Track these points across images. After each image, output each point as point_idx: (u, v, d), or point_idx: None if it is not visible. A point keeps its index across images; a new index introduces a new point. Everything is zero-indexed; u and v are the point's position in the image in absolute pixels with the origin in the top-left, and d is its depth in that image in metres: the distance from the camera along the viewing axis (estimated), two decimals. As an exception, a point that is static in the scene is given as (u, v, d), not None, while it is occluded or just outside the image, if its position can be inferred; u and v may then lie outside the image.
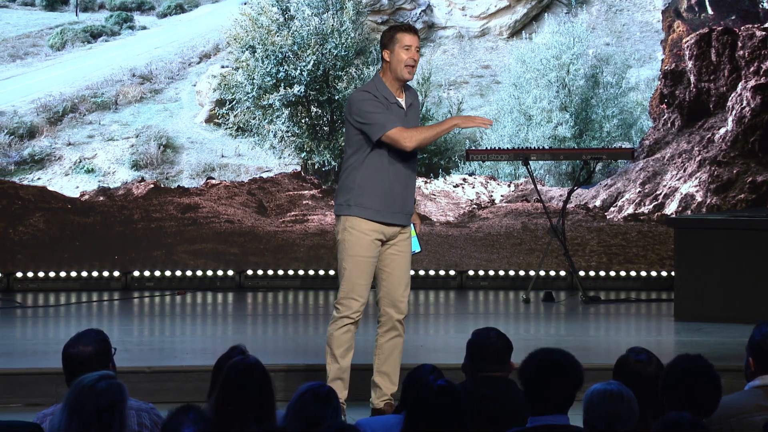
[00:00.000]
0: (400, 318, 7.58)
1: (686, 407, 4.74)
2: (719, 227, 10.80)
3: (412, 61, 7.42)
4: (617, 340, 10.19)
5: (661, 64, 13.88)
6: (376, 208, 7.47)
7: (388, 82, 7.49)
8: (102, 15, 14.26)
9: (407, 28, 7.54)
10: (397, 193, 7.48)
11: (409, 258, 7.66)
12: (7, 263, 12.62)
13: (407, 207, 7.56)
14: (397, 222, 7.52)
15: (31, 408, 7.56)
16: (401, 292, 7.59)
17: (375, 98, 7.46)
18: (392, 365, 7.61)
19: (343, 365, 7.51)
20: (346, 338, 7.51)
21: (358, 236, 7.47)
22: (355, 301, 7.48)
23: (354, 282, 7.47)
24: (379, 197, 7.46)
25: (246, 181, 13.40)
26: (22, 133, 13.37)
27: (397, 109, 7.48)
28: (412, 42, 7.43)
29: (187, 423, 4.35)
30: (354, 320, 7.51)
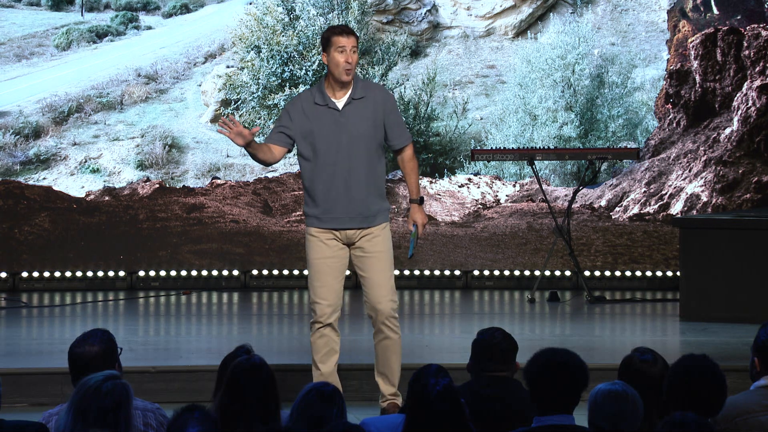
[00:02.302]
0: (382, 319, 7.49)
1: (692, 407, 4.74)
2: (725, 227, 10.79)
3: (347, 63, 7.36)
4: (622, 340, 10.18)
5: (666, 63, 13.87)
6: (315, 216, 7.47)
7: (328, 84, 7.46)
8: (107, 15, 14.28)
9: (341, 30, 7.46)
10: (335, 199, 7.41)
11: (384, 257, 7.50)
12: (13, 263, 12.63)
13: (356, 210, 7.43)
14: (342, 227, 7.45)
15: (36, 408, 7.57)
16: (379, 294, 7.48)
17: (289, 108, 7.48)
18: (388, 366, 7.58)
19: (324, 371, 7.49)
20: (321, 343, 7.49)
21: (309, 239, 7.50)
22: (318, 304, 7.47)
23: (314, 286, 7.48)
24: (315, 205, 7.45)
25: (251, 181, 13.41)
26: (28, 133, 13.39)
27: (326, 110, 7.41)
28: (347, 43, 7.38)
29: (192, 423, 4.36)
30: (323, 323, 7.46)
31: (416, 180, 7.69)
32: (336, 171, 7.41)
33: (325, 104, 7.43)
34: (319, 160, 7.42)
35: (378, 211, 7.51)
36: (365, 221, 7.48)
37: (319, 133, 7.42)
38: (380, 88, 7.75)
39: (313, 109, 7.44)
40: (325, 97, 7.44)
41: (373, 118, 7.46)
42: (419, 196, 7.69)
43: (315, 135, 7.42)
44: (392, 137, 7.53)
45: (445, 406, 4.63)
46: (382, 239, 7.52)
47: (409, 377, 5.72)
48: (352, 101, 7.44)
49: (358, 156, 7.42)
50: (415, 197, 7.68)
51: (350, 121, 7.42)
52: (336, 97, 7.44)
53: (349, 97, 7.44)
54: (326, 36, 7.47)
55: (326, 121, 7.41)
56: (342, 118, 7.41)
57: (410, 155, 7.62)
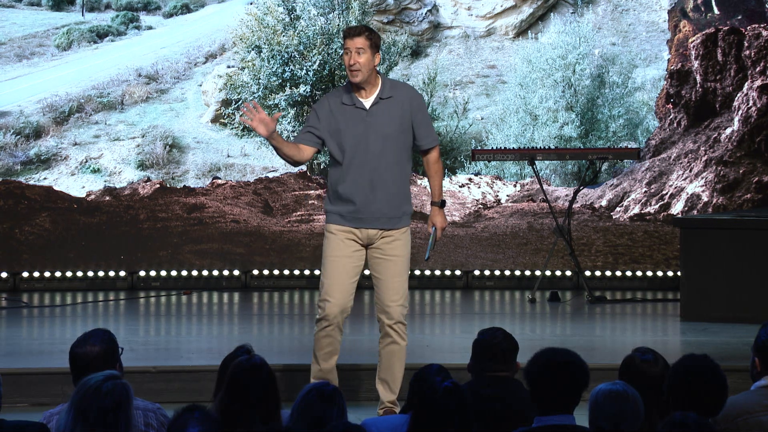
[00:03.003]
0: (391, 324, 7.47)
1: (692, 407, 4.74)
2: (725, 227, 10.79)
3: (350, 65, 7.35)
4: (623, 340, 10.18)
5: (667, 63, 13.87)
6: (340, 213, 7.45)
7: (353, 84, 7.47)
8: (108, 15, 14.28)
9: (347, 32, 7.45)
10: (361, 198, 7.39)
11: (401, 262, 7.49)
12: (14, 263, 12.63)
13: (380, 210, 7.42)
14: (364, 226, 7.43)
15: (37, 407, 7.57)
16: (391, 298, 7.46)
17: (317, 108, 7.48)
18: (391, 373, 7.55)
19: (324, 368, 7.47)
20: (325, 342, 7.47)
21: (329, 237, 7.48)
22: (326, 302, 7.44)
23: (325, 282, 7.45)
24: (340, 203, 7.44)
25: (252, 181, 13.41)
26: (28, 132, 13.39)
27: (353, 110, 7.41)
28: (350, 45, 7.35)
29: (193, 422, 4.36)
30: (330, 322, 7.44)
31: (440, 183, 7.67)
32: (362, 171, 7.39)
33: (353, 104, 7.42)
34: (345, 159, 7.40)
35: (402, 214, 7.51)
36: (388, 222, 7.47)
37: (346, 132, 7.40)
38: (409, 87, 7.71)
39: (340, 109, 7.42)
40: (352, 96, 7.42)
41: (401, 117, 7.45)
42: (441, 199, 7.69)
43: (342, 134, 7.40)
44: (420, 137, 7.51)
45: (451, 404, 4.64)
46: (402, 243, 7.51)
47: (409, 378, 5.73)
48: (380, 101, 7.42)
49: (385, 156, 7.41)
50: (437, 200, 7.68)
51: (378, 120, 7.40)
52: (363, 96, 7.43)
53: (377, 97, 7.42)
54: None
55: (354, 121, 7.40)
56: (369, 118, 7.40)
57: (436, 157, 7.62)
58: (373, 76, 7.42)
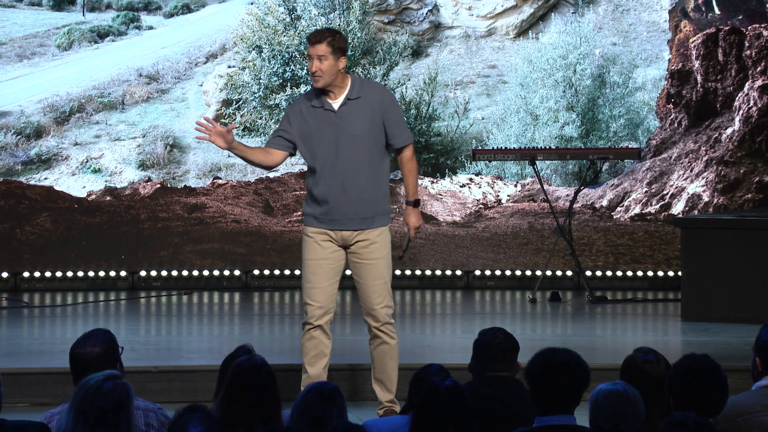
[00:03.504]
0: (378, 326, 7.48)
1: (693, 407, 4.74)
2: (726, 227, 10.78)
3: (312, 71, 7.36)
4: (624, 340, 10.18)
5: (667, 63, 13.87)
6: (314, 215, 7.47)
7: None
8: (109, 15, 14.28)
9: (308, 38, 7.47)
10: (333, 199, 7.39)
11: (380, 264, 7.46)
12: (14, 263, 12.63)
13: (353, 211, 7.40)
14: (338, 228, 7.43)
15: (38, 407, 7.57)
16: (375, 301, 7.45)
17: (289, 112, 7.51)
18: (384, 372, 7.56)
19: (312, 373, 7.48)
20: (310, 345, 7.48)
21: (306, 240, 7.52)
22: (309, 305, 7.46)
23: (305, 286, 7.48)
24: (315, 205, 7.46)
25: (252, 180, 13.41)
26: (29, 132, 13.39)
27: (322, 112, 7.42)
28: (312, 52, 7.37)
29: (193, 422, 4.36)
30: (314, 325, 7.45)
31: (414, 182, 7.60)
32: (334, 172, 7.39)
33: (321, 106, 7.42)
34: (317, 161, 7.42)
35: (377, 213, 7.48)
36: (363, 223, 7.45)
37: (317, 135, 7.41)
38: (378, 87, 7.73)
39: (311, 112, 7.44)
40: (321, 99, 7.43)
41: (371, 117, 7.42)
42: (414, 198, 7.62)
43: (313, 137, 7.42)
44: (391, 136, 7.47)
45: (452, 404, 4.64)
46: (379, 246, 7.48)
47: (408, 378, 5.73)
48: (348, 102, 7.41)
49: (355, 157, 7.40)
50: (411, 198, 7.61)
51: (347, 121, 7.40)
52: (332, 98, 7.43)
53: (345, 98, 7.42)
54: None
55: (323, 123, 7.41)
56: (338, 119, 7.40)
57: (409, 156, 7.55)
58: (340, 78, 7.40)
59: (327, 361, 7.54)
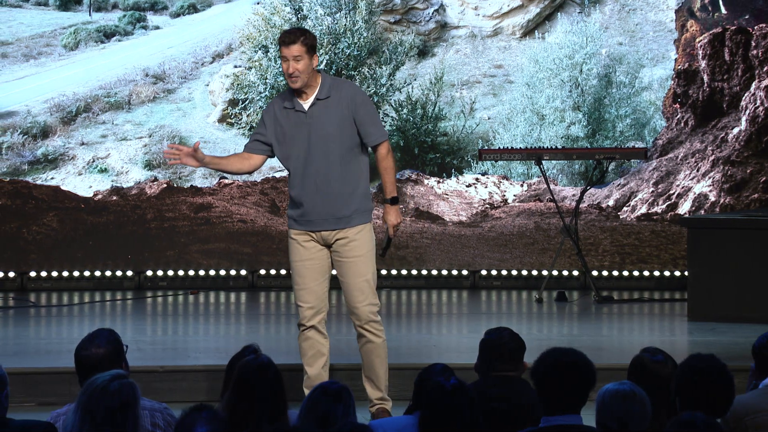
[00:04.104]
0: (361, 324, 7.47)
1: (700, 407, 4.73)
2: (733, 227, 10.77)
3: (289, 73, 7.33)
4: (630, 340, 10.17)
5: (674, 63, 13.86)
6: (293, 218, 7.50)
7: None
8: (115, 15, 14.29)
9: (282, 39, 7.42)
10: (308, 201, 7.40)
11: (361, 262, 7.44)
12: (21, 263, 12.64)
13: (329, 211, 7.38)
14: (316, 228, 7.43)
15: (45, 407, 7.58)
16: (357, 299, 7.45)
17: (264, 114, 7.53)
18: (372, 370, 7.54)
19: (312, 373, 7.50)
20: (306, 345, 7.52)
21: (290, 242, 7.55)
22: (300, 307, 7.52)
23: (295, 288, 7.54)
24: (294, 207, 7.49)
25: (259, 180, 13.41)
26: (36, 132, 13.41)
27: (293, 113, 7.42)
28: (287, 53, 7.34)
29: (200, 422, 4.36)
30: (307, 326, 7.49)
31: (391, 179, 7.50)
32: (307, 173, 7.40)
33: (293, 107, 7.43)
34: (291, 163, 7.45)
35: (354, 212, 7.44)
36: (339, 222, 7.44)
37: (290, 136, 7.43)
38: (349, 85, 7.67)
39: (283, 113, 7.45)
40: (293, 100, 7.43)
41: (340, 116, 7.39)
42: (392, 196, 7.53)
43: (287, 139, 7.44)
44: (364, 134, 7.43)
45: (459, 402, 4.64)
46: (360, 243, 7.46)
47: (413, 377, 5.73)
48: (317, 102, 7.40)
49: (327, 157, 7.38)
50: (388, 197, 7.53)
51: (317, 122, 7.38)
52: (303, 99, 7.42)
53: (315, 98, 7.41)
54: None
55: (295, 125, 7.42)
56: (309, 120, 7.39)
57: (384, 153, 7.47)
58: (313, 77, 7.39)
59: (326, 360, 7.55)
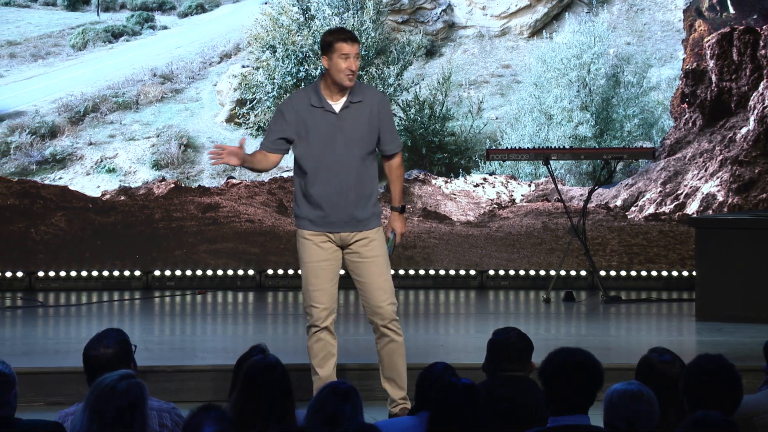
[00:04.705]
0: (384, 324, 7.45)
1: (708, 407, 4.73)
2: (741, 227, 10.76)
3: (349, 71, 7.30)
4: (638, 340, 10.16)
5: (682, 63, 13.85)
6: (309, 218, 7.43)
7: (326, 86, 7.39)
8: (123, 15, 14.30)
9: (345, 37, 7.37)
10: (330, 202, 7.37)
11: (380, 262, 7.45)
12: (29, 262, 12.66)
13: (350, 213, 7.39)
14: (336, 230, 7.41)
15: (53, 407, 7.58)
16: (379, 298, 7.44)
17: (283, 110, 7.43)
18: (395, 370, 7.54)
19: (323, 374, 7.47)
20: (318, 347, 7.48)
21: (303, 243, 7.46)
22: (314, 308, 7.44)
23: (308, 290, 7.45)
24: (309, 208, 7.41)
25: (266, 180, 13.42)
26: (44, 132, 13.42)
27: (322, 113, 7.36)
28: (351, 51, 7.30)
29: (208, 422, 4.36)
30: (320, 327, 7.44)
31: (401, 188, 7.62)
32: (330, 174, 7.36)
33: (322, 107, 7.37)
34: (313, 163, 7.38)
35: (371, 215, 7.47)
36: (359, 225, 7.43)
37: (315, 135, 7.37)
38: (377, 92, 7.68)
39: (308, 111, 7.38)
40: (321, 99, 7.38)
41: (369, 122, 7.40)
42: (401, 204, 7.64)
43: (310, 137, 7.37)
44: (385, 142, 7.47)
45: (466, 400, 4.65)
46: (379, 243, 7.48)
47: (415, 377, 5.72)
48: (350, 105, 7.38)
49: (352, 160, 7.38)
50: (397, 205, 7.62)
51: (346, 124, 7.36)
52: (333, 99, 7.39)
53: (347, 101, 7.38)
54: (329, 40, 7.37)
55: (322, 124, 7.37)
56: (339, 122, 7.36)
57: (399, 162, 7.57)
58: None
59: (335, 361, 7.55)
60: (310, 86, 7.53)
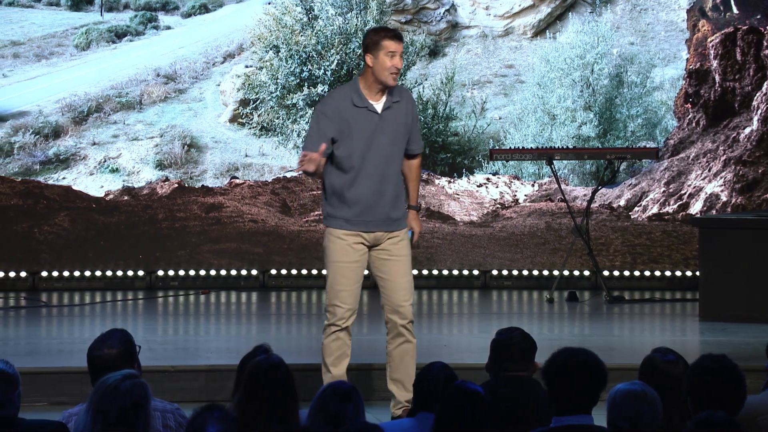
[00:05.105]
0: (404, 323, 7.45)
1: (711, 407, 4.72)
2: (744, 227, 10.76)
3: (395, 69, 7.28)
4: (641, 340, 10.16)
5: (685, 63, 13.84)
6: (345, 218, 7.39)
7: (366, 85, 7.36)
8: (127, 15, 14.31)
9: (393, 35, 7.36)
10: (368, 201, 7.35)
11: (406, 262, 7.47)
12: (33, 262, 12.67)
13: (386, 213, 7.40)
14: (372, 230, 7.40)
15: (56, 407, 7.59)
16: (401, 297, 7.45)
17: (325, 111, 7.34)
18: (404, 372, 7.53)
19: (335, 374, 7.45)
20: (335, 346, 7.45)
21: (335, 242, 7.41)
22: (338, 307, 7.41)
23: (335, 289, 7.41)
24: (345, 207, 7.38)
25: (270, 180, 13.42)
26: (47, 132, 13.43)
27: (365, 113, 7.34)
28: (397, 49, 7.29)
29: (211, 422, 4.36)
30: (341, 327, 7.42)
31: (418, 187, 7.69)
32: (371, 174, 7.34)
33: (365, 107, 7.34)
34: (354, 162, 7.34)
35: (402, 215, 7.51)
36: (393, 225, 7.46)
37: (358, 135, 7.33)
38: (408, 91, 7.69)
39: (351, 111, 7.34)
40: (363, 98, 7.35)
41: (405, 122, 7.44)
42: (418, 204, 7.68)
43: (353, 137, 7.33)
44: (412, 141, 7.51)
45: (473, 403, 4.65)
46: (406, 242, 7.51)
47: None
48: (393, 104, 7.38)
49: (392, 160, 7.40)
50: (414, 204, 7.64)
51: (387, 124, 7.36)
52: (374, 99, 7.37)
53: (388, 101, 7.37)
54: (375, 39, 7.34)
55: (365, 124, 7.33)
56: (381, 122, 7.35)
57: (419, 163, 7.64)
58: None
59: (348, 361, 7.54)
60: (348, 86, 7.50)
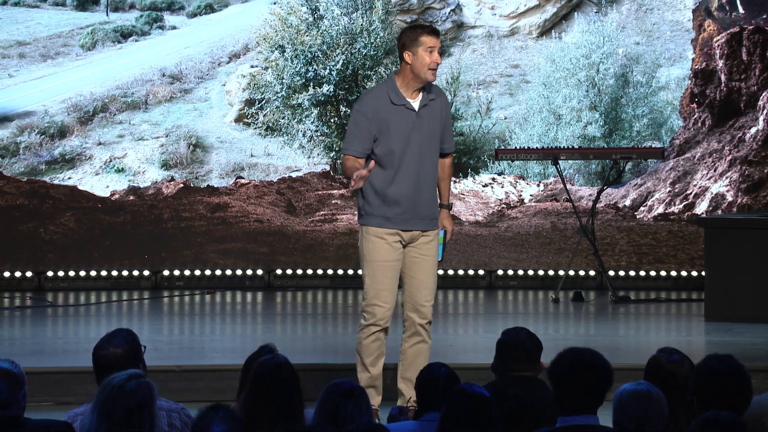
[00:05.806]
0: (422, 323, 7.45)
1: (717, 407, 4.72)
2: (750, 227, 10.74)
3: (435, 64, 7.29)
4: (647, 341, 10.16)
5: (691, 63, 13.83)
6: (385, 216, 7.36)
7: (403, 83, 7.35)
8: (132, 15, 14.32)
9: (431, 31, 7.37)
10: (407, 200, 7.34)
11: (434, 262, 7.48)
12: (38, 262, 12.68)
13: (423, 212, 7.40)
14: (411, 228, 7.39)
15: (62, 406, 7.60)
16: (424, 297, 7.45)
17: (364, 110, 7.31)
18: (415, 372, 7.50)
19: (374, 373, 7.44)
20: (375, 346, 7.42)
21: (374, 241, 7.38)
22: (379, 307, 7.37)
23: (375, 288, 7.37)
24: (385, 205, 7.35)
25: (275, 180, 13.43)
26: (53, 132, 13.44)
27: (403, 111, 7.33)
28: (435, 44, 7.29)
29: (217, 422, 4.36)
30: (381, 327, 7.40)
31: (450, 186, 7.68)
32: (409, 172, 7.33)
33: (403, 104, 7.33)
34: (394, 161, 7.32)
35: (436, 215, 7.53)
36: (430, 223, 7.47)
37: (396, 133, 7.32)
38: (443, 91, 7.70)
39: (389, 109, 7.32)
40: (400, 96, 7.34)
41: (440, 121, 7.45)
42: (450, 203, 7.69)
43: (391, 135, 7.31)
44: (444, 140, 7.51)
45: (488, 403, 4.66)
46: (435, 243, 7.52)
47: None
48: (429, 102, 7.38)
49: (426, 158, 7.39)
50: (446, 202, 7.64)
51: (424, 123, 7.36)
52: (411, 97, 7.36)
53: (425, 99, 7.37)
54: (413, 35, 7.33)
55: (403, 122, 7.32)
56: (418, 120, 7.34)
57: (450, 162, 7.65)
58: None
59: (383, 360, 7.52)
60: (384, 84, 7.48)
